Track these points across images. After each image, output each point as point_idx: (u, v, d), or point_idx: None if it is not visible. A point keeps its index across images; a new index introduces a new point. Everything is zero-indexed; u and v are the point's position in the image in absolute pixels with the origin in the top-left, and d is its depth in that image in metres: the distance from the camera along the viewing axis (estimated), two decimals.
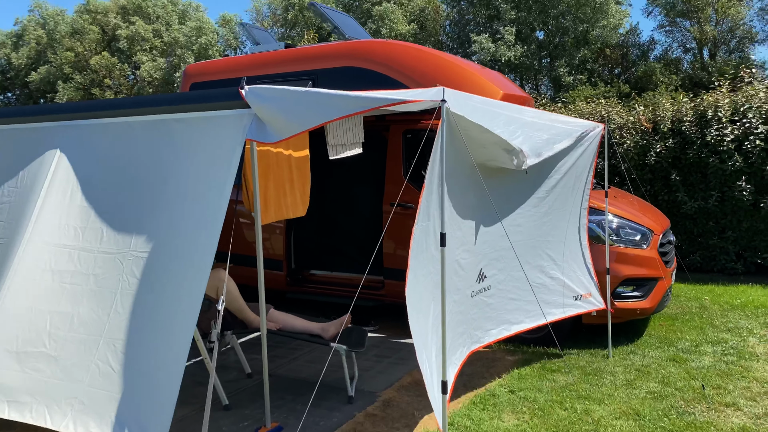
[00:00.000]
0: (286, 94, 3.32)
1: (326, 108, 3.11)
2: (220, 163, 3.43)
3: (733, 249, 8.30)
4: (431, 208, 3.19)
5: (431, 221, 3.20)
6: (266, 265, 6.62)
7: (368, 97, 2.96)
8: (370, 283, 6.37)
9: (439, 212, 3.18)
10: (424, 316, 3.23)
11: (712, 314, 6.41)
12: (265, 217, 4.25)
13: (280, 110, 3.35)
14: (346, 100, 3.04)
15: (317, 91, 3.19)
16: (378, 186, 6.25)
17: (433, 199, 3.19)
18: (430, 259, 3.29)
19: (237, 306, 4.43)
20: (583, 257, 5.28)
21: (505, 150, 3.89)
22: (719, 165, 8.11)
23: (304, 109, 3.20)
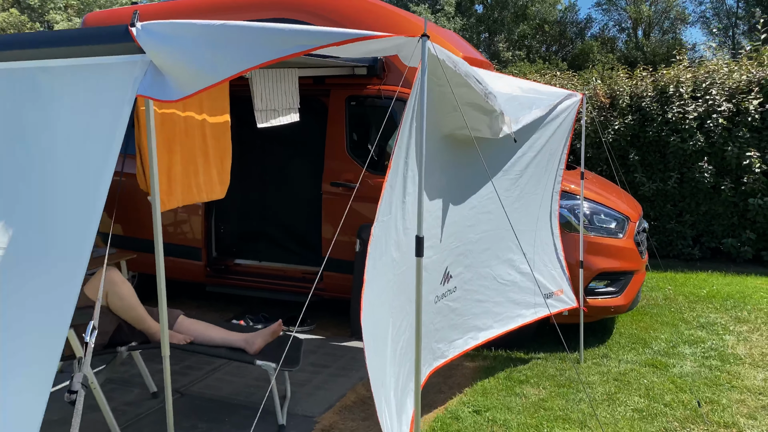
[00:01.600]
0: (194, 30, 2.38)
1: (251, 48, 2.17)
2: (98, 128, 2.50)
3: (690, 233, 7.87)
4: (395, 197, 2.34)
5: (393, 215, 2.35)
6: (181, 253, 5.62)
7: (314, 32, 2.04)
8: (307, 275, 5.48)
9: (411, 202, 2.34)
10: (382, 343, 2.39)
11: (680, 307, 5.89)
12: (169, 200, 3.27)
13: (184, 54, 2.40)
14: (280, 35, 2.12)
15: (239, 24, 2.25)
16: (316, 162, 5.33)
17: (398, 183, 2.33)
18: (390, 265, 2.44)
19: (135, 315, 3.45)
20: (555, 248, 4.57)
21: (483, 112, 3.06)
22: (680, 144, 7.61)
23: (219, 50, 2.25)
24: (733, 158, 7.34)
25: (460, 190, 3.44)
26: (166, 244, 5.66)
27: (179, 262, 5.60)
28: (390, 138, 5.23)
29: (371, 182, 4.94)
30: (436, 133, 3.00)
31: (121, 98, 2.50)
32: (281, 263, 5.64)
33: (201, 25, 2.36)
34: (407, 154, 2.37)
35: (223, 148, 3.71)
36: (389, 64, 5.00)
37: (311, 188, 5.41)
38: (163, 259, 2.87)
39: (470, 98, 2.82)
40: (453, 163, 3.26)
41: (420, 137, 2.22)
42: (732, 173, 7.48)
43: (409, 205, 2.47)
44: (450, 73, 2.46)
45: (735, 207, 7.55)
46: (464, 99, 2.82)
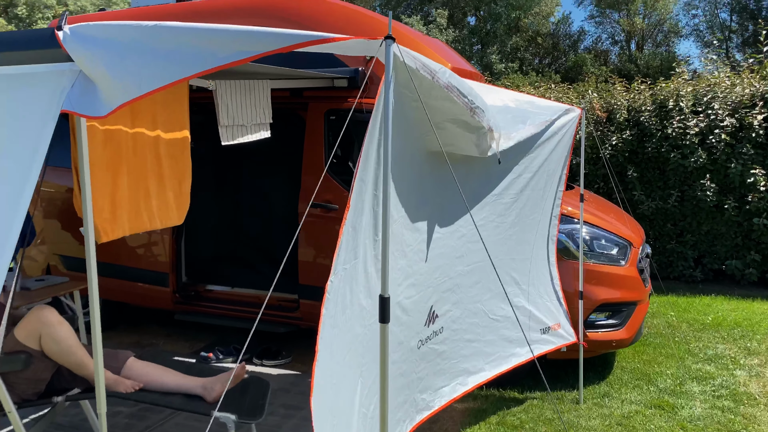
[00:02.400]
0: (126, 33, 2.00)
1: (182, 56, 1.77)
2: (20, 146, 2.17)
3: (691, 254, 7.50)
4: (362, 238, 1.93)
5: (360, 258, 1.95)
6: (147, 279, 5.18)
7: (255, 35, 1.63)
8: (282, 302, 5.04)
9: (376, 243, 1.94)
10: (346, 416, 1.97)
11: (684, 336, 5.49)
12: (112, 229, 2.85)
13: (109, 62, 2.01)
14: (216, 39, 1.72)
15: (172, 26, 1.85)
16: (293, 180, 4.92)
17: (365, 221, 1.93)
18: (357, 317, 2.04)
19: (75, 360, 3.01)
20: (551, 278, 4.17)
21: (468, 129, 2.67)
22: (680, 161, 7.25)
23: (145, 58, 1.85)
24: (737, 176, 6.99)
25: (447, 218, 3.04)
26: (131, 269, 5.28)
27: (145, 288, 5.17)
28: None
29: None
30: (415, 154, 2.60)
31: (46, 113, 2.12)
32: (255, 289, 5.21)
33: (133, 27, 1.96)
34: (375, 186, 1.98)
35: (182, 168, 3.29)
36: (372, 75, 4.61)
37: (288, 209, 5.00)
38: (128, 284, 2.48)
39: (453, 113, 2.43)
40: (437, 187, 2.86)
41: (386, 163, 1.82)
42: (735, 191, 7.13)
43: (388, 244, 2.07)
44: (427, 85, 2.07)
45: (739, 227, 7.19)
46: (446, 114, 2.42)
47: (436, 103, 2.24)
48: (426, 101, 2.14)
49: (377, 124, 1.96)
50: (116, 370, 3.19)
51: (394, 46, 1.74)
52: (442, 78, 2.16)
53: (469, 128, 2.62)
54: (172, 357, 4.93)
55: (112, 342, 5.31)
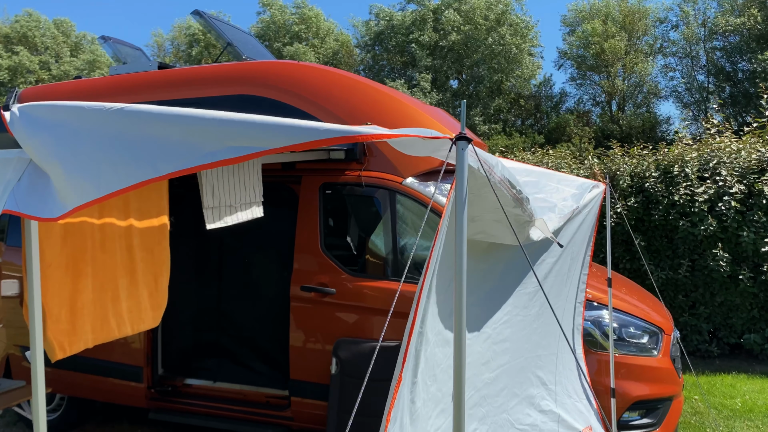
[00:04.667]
0: (81, 117, 1.56)
1: (154, 151, 1.33)
2: None
3: (706, 327, 7.06)
4: (404, 392, 1.47)
5: (398, 421, 1.48)
6: (118, 374, 4.61)
7: (276, 126, 1.19)
8: (271, 399, 4.49)
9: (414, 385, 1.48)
10: None
11: (716, 428, 4.98)
12: (70, 343, 2.35)
13: (61, 153, 1.56)
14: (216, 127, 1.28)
15: (143, 110, 1.42)
16: (284, 261, 4.45)
17: (408, 373, 1.49)
18: None
19: None
20: (579, 374, 3.69)
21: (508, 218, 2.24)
22: (690, 229, 6.91)
23: (107, 151, 1.41)
24: (750, 244, 6.64)
25: (472, 321, 2.58)
26: (100, 362, 4.69)
27: (116, 383, 4.59)
28: (373, 232, 4.40)
29: (350, 285, 4.07)
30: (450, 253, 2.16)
31: None
32: (240, 385, 4.64)
33: (91, 110, 1.52)
34: (423, 318, 1.54)
35: (159, 261, 2.82)
36: (371, 146, 4.23)
37: (278, 293, 4.51)
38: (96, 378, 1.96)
39: (495, 205, 2.01)
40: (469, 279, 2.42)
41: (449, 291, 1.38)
42: (749, 260, 6.77)
43: (421, 381, 1.62)
44: (480, 183, 1.66)
45: (755, 298, 6.80)
46: (487, 206, 2.01)
47: (480, 198, 1.83)
48: (470, 197, 1.73)
49: (442, 238, 1.53)
50: None
51: (470, 147, 1.32)
52: (497, 173, 1.75)
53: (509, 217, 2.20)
54: None
55: None
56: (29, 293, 1.98)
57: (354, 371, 3.99)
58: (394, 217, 4.18)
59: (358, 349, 4.02)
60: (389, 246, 4.23)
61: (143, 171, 1.27)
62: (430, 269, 1.69)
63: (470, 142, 1.31)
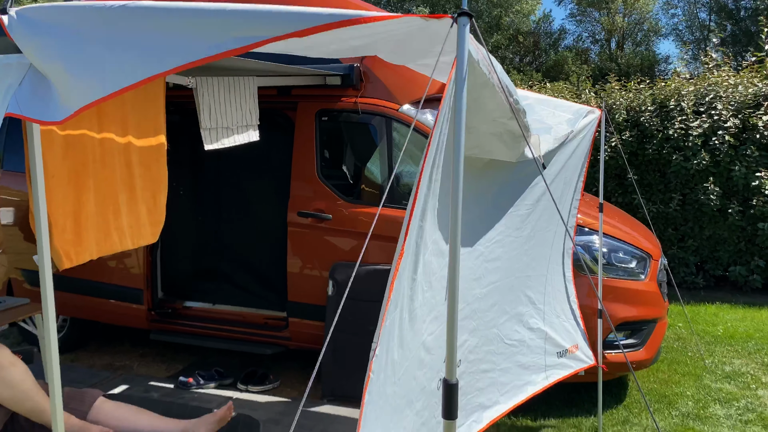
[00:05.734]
0: (81, 16, 1.57)
1: (159, 43, 1.35)
2: None
3: (693, 260, 7.22)
4: (406, 274, 1.55)
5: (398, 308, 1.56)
6: (119, 296, 4.72)
7: (276, 13, 1.21)
8: (269, 320, 4.62)
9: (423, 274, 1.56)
10: None
11: (697, 351, 5.18)
12: (77, 253, 2.41)
13: (63, 52, 1.58)
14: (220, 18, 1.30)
15: (145, 5, 1.43)
16: (281, 188, 4.49)
17: (411, 250, 1.57)
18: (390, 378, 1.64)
19: (31, 406, 2.56)
20: (567, 296, 3.81)
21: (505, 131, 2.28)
22: (683, 163, 6.97)
23: (110, 48, 1.43)
24: (741, 179, 6.72)
25: (465, 236, 2.66)
26: (102, 285, 4.80)
27: (117, 305, 4.70)
28: (369, 159, 4.43)
29: (346, 212, 4.14)
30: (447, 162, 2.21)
31: None
32: (239, 307, 4.77)
33: (95, 9, 1.53)
34: (423, 211, 1.59)
35: (156, 179, 2.86)
36: (368, 73, 4.21)
37: (275, 219, 4.57)
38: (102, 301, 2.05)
39: (493, 115, 2.05)
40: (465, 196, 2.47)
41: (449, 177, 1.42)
42: (739, 195, 6.86)
43: (420, 278, 1.69)
44: (481, 82, 1.68)
45: (742, 232, 6.93)
46: (485, 115, 2.03)
47: (478, 103, 1.85)
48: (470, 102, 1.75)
49: (440, 127, 1.56)
50: (82, 414, 2.75)
51: (468, 25, 1.31)
52: (499, 72, 1.77)
53: (506, 130, 2.24)
54: (148, 382, 4.49)
55: (81, 364, 4.85)
56: (34, 202, 2.02)
57: (350, 292, 4.09)
58: (390, 145, 4.21)
59: (354, 272, 4.12)
60: (385, 173, 4.27)
61: (150, 66, 1.30)
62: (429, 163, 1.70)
63: (472, 18, 1.31)
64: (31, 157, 1.94)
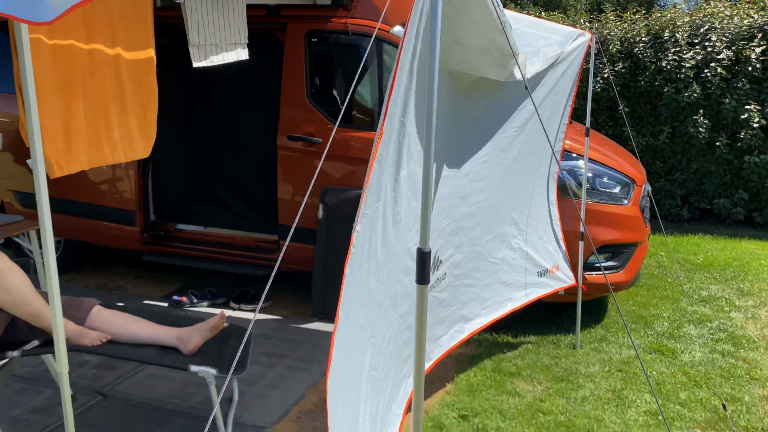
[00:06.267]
0: None
1: None
2: None
3: (679, 193, 7.33)
4: (385, 176, 1.60)
5: (382, 201, 1.62)
6: (113, 217, 4.78)
7: None
8: (261, 243, 4.72)
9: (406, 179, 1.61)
10: (355, 389, 1.68)
11: (676, 277, 5.35)
12: (67, 163, 2.45)
13: None
14: None
15: None
16: (271, 111, 4.50)
17: (390, 155, 1.59)
18: (373, 270, 1.72)
19: (30, 311, 2.66)
20: (551, 218, 3.91)
21: (493, 47, 2.30)
22: (674, 96, 6.97)
23: None
24: (730, 112, 6.74)
25: (454, 154, 2.71)
26: (95, 207, 4.85)
27: (111, 227, 4.78)
28: (359, 82, 4.42)
29: (337, 136, 4.16)
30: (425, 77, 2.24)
31: None
32: (231, 230, 4.85)
33: None
34: (404, 112, 1.63)
35: (147, 92, 2.87)
36: None
37: (265, 143, 4.60)
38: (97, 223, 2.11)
39: (481, 29, 2.06)
40: (445, 118, 2.51)
41: (424, 86, 1.45)
42: (728, 128, 6.91)
43: (403, 181, 1.74)
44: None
45: (729, 165, 7.01)
46: (473, 29, 2.05)
47: (466, 13, 1.86)
48: (456, 10, 1.77)
49: (414, 34, 1.58)
50: (80, 321, 2.85)
51: None
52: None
53: (494, 46, 2.25)
54: (143, 301, 4.62)
55: (76, 285, 4.96)
56: (26, 108, 2.05)
57: (339, 216, 4.18)
58: (380, 68, 4.19)
59: (344, 196, 4.19)
60: (375, 97, 4.27)
61: None
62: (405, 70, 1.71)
63: None
64: (20, 63, 1.95)
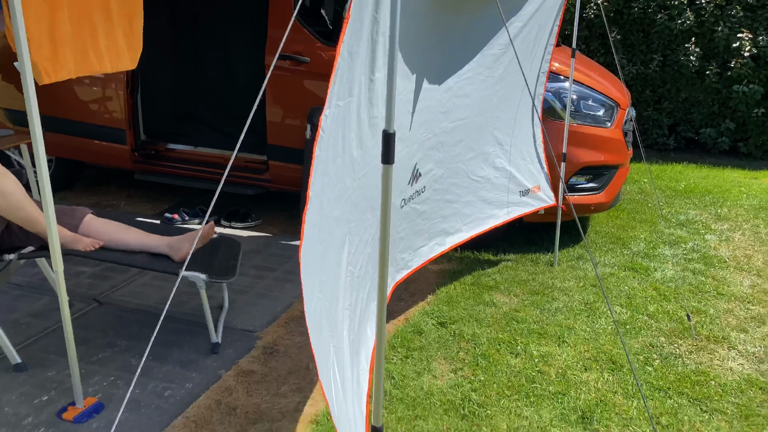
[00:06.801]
0: None
1: None
2: None
3: (667, 122, 7.39)
4: (357, 70, 1.66)
5: (355, 97, 1.68)
6: (104, 136, 4.83)
7: None
8: (250, 163, 4.79)
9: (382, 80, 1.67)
10: (332, 277, 1.80)
11: (657, 203, 5.49)
12: (55, 69, 2.49)
13: None
14: None
15: None
16: (258, 30, 4.47)
17: (363, 49, 1.64)
18: (348, 168, 1.81)
19: (24, 216, 2.75)
20: (534, 139, 3.99)
21: None
22: (667, 23, 6.92)
23: None
24: (722, 40, 6.73)
25: (435, 68, 2.75)
26: (87, 125, 4.89)
27: (102, 145, 4.83)
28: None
29: (326, 55, 4.17)
30: None
31: None
32: (220, 149, 4.91)
33: None
34: (377, 7, 1.66)
35: (131, 2, 2.87)
36: None
37: (253, 62, 4.59)
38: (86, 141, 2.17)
39: None
40: (427, 30, 2.55)
41: None
42: (719, 57, 6.90)
43: (379, 84, 1.80)
44: None
45: (717, 94, 7.05)
46: None
47: None
48: None
49: None
50: (73, 228, 2.96)
51: None
52: None
53: None
54: (135, 218, 4.73)
55: (69, 202, 5.05)
56: (11, 14, 2.08)
57: None
58: None
59: None
60: None
61: None
62: None
63: None
64: None
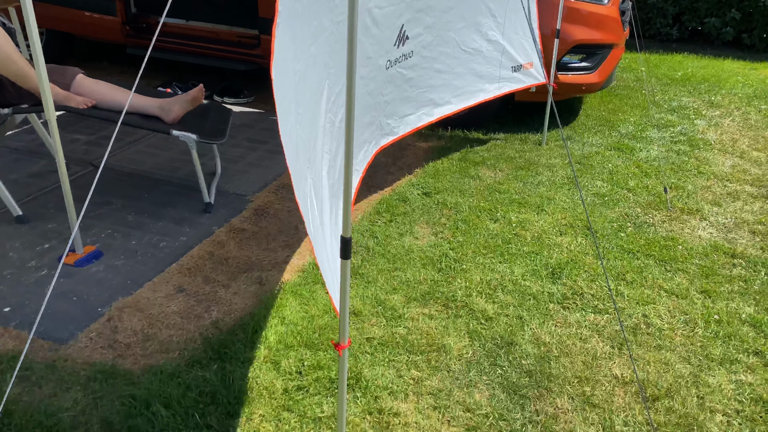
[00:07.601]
0: None
1: None
2: None
3: (672, 11, 7.20)
4: None
5: None
6: (93, 7, 4.77)
7: None
8: (242, 38, 4.75)
9: None
10: (312, 109, 1.86)
11: (651, 89, 5.48)
12: None
13: None
14: None
15: None
16: None
17: None
18: (326, 6, 1.83)
19: (15, 70, 2.78)
20: (528, 14, 3.93)
21: None
22: None
23: None
24: None
25: None
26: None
27: (93, 17, 4.76)
28: None
29: None
30: None
31: None
32: (212, 24, 4.85)
33: None
34: None
35: None
36: None
37: None
38: (74, 12, 2.16)
39: None
40: None
41: None
42: None
43: None
44: None
45: None
46: None
47: None
48: None
49: None
50: (65, 87, 3.01)
51: None
52: None
53: None
54: None
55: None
56: None
57: None
58: None
59: None
60: None
61: None
62: None
63: None
64: None
